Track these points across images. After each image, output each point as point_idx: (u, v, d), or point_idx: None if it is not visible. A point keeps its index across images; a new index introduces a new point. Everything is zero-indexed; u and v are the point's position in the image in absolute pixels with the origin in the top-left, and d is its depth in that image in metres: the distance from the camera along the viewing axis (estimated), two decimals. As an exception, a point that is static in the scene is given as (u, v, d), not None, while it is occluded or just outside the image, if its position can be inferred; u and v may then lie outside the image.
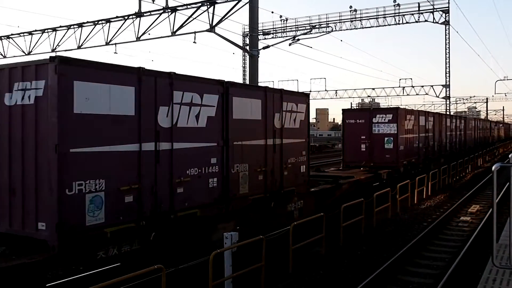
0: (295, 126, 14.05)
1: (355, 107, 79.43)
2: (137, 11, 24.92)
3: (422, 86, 52.39)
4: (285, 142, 13.45)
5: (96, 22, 27.45)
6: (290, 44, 27.20)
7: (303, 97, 14.74)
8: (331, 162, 39.54)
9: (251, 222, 12.08)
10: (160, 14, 24.27)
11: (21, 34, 31.02)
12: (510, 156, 8.44)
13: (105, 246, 8.46)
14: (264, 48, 23.28)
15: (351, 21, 45.68)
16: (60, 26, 29.12)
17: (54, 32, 29.53)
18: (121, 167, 8.61)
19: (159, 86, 9.39)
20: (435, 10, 43.03)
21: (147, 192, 9.10)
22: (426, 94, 51.39)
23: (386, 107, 55.33)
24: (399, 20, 43.86)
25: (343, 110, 23.41)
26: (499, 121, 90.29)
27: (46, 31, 29.83)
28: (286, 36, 44.34)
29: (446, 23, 43.90)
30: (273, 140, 12.95)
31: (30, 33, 30.62)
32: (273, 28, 49.33)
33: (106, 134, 8.35)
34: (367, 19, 45.14)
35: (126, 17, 25.85)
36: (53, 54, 29.18)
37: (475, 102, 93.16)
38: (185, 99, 10.00)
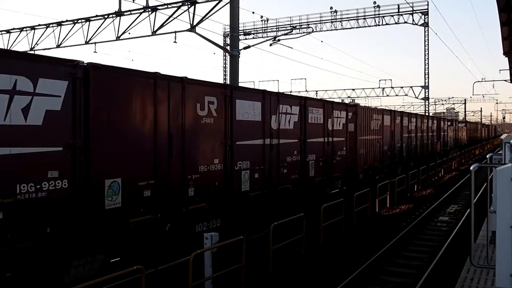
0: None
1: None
2: (117, 10, 24.72)
3: (402, 87, 52.92)
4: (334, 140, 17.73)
5: (76, 21, 27.15)
6: (270, 45, 27.19)
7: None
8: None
9: (316, 196, 16.24)
10: (141, 13, 24.10)
11: (-1, 33, 30.55)
12: (488, 156, 8.54)
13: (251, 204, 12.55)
14: (245, 48, 23.25)
15: (332, 22, 45.94)
16: (39, 25, 28.74)
17: (33, 31, 29.14)
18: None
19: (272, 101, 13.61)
20: (414, 12, 43.48)
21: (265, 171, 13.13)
22: (406, 95, 51.91)
23: None
24: (379, 22, 44.25)
25: None
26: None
27: (24, 29, 29.42)
28: (267, 37, 44.37)
29: (425, 24, 44.41)
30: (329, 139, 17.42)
31: (8, 31, 30.16)
32: (254, 29, 49.32)
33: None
34: (348, 20, 45.43)
35: (106, 16, 25.62)
36: (32, 53, 28.91)
37: (453, 103, 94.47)
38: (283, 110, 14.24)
